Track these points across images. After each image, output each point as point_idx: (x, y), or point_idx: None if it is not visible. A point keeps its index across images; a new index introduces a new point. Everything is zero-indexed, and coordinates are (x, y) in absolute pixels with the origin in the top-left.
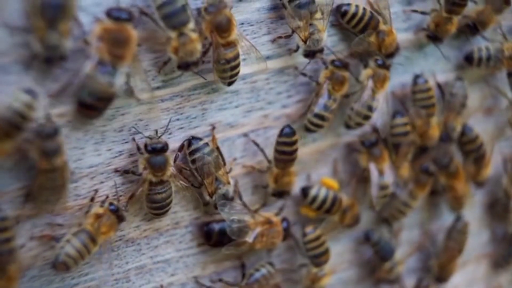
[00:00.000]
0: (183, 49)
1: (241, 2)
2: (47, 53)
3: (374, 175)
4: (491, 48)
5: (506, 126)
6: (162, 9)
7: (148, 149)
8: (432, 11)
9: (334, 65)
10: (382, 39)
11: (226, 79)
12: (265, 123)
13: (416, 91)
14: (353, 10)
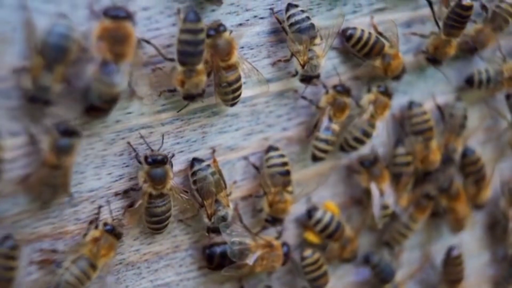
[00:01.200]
0: (189, 82)
1: (241, 26)
2: (35, 92)
3: (376, 195)
4: (490, 70)
5: (506, 148)
6: (184, 46)
7: (148, 161)
8: (431, 34)
9: (336, 91)
10: (388, 63)
11: (229, 101)
12: (265, 146)
13: (411, 116)
14: (358, 34)
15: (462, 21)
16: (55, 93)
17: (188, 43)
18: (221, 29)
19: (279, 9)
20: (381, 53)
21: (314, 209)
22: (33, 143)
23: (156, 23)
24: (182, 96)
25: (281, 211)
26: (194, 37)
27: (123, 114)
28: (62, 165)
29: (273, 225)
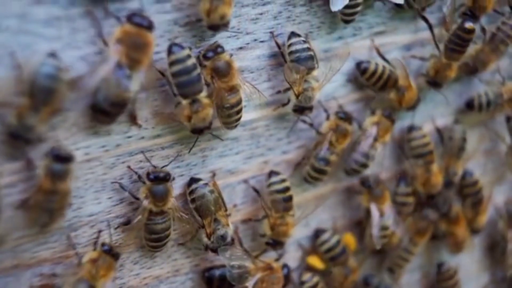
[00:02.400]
0: (196, 117)
1: (241, 49)
2: (18, 129)
3: (375, 215)
4: (490, 93)
5: (505, 170)
6: (177, 78)
7: (150, 178)
8: (431, 57)
9: (338, 117)
10: (402, 95)
11: (232, 123)
12: (265, 169)
13: (410, 139)
14: (373, 68)
15: (463, 45)
16: (38, 134)
17: (180, 73)
18: (219, 51)
19: (279, 33)
20: (395, 86)
21: (322, 230)
22: (29, 168)
23: (157, 47)
24: (190, 130)
25: (282, 234)
26: (184, 65)
27: (123, 138)
28: (58, 190)
29: (275, 248)
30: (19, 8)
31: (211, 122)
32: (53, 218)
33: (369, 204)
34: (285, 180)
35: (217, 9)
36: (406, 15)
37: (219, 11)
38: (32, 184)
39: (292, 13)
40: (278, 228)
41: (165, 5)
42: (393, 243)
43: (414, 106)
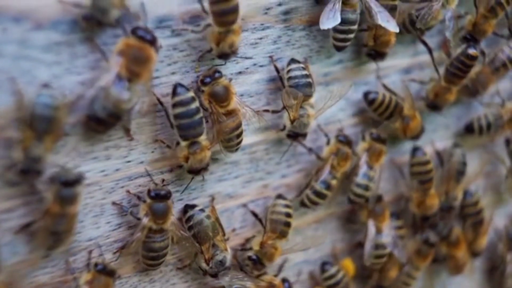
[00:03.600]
0: (193, 158)
1: (240, 74)
2: (26, 164)
3: (371, 231)
4: (489, 115)
5: (505, 193)
6: (179, 120)
7: (151, 195)
8: (430, 80)
9: (338, 141)
10: (407, 124)
11: (233, 147)
12: (264, 193)
13: (414, 163)
14: (380, 99)
15: (465, 70)
16: (47, 163)
17: (183, 116)
18: (216, 76)
19: (278, 57)
20: (400, 115)
21: (328, 264)
22: (34, 193)
23: (156, 72)
24: (187, 170)
25: (269, 256)
26: (187, 108)
27: (123, 162)
28: (66, 213)
29: (254, 265)
30: (19, 34)
31: (208, 163)
32: (60, 241)
33: (368, 220)
34: (290, 206)
35: (226, 38)
36: (405, 39)
37: (228, 40)
38: (32, 209)
39: (292, 38)
40: (267, 249)
41: (164, 30)
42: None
43: (418, 135)
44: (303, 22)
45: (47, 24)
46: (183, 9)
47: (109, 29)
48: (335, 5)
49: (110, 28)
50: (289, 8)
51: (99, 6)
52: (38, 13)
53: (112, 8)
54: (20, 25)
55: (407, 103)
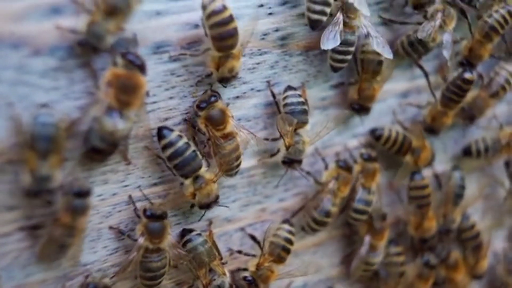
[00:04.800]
0: (200, 194)
1: (238, 98)
2: (36, 185)
3: (365, 246)
4: (487, 139)
5: (504, 216)
6: (173, 160)
7: (147, 214)
8: (427, 104)
9: (339, 166)
10: (418, 156)
11: (232, 170)
12: (262, 217)
13: (412, 187)
14: (386, 134)
15: (461, 94)
16: (56, 181)
17: (174, 156)
18: (212, 100)
19: (276, 82)
20: (410, 150)
21: None
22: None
23: (154, 97)
24: (198, 206)
25: (264, 278)
26: (175, 147)
27: (120, 187)
28: (76, 225)
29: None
30: (17, 60)
31: (217, 195)
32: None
33: (365, 235)
34: (293, 233)
35: (226, 63)
36: (403, 63)
37: (227, 65)
38: (29, 233)
39: (289, 63)
40: (263, 271)
41: (162, 55)
42: None
43: (430, 163)
44: (300, 47)
45: (45, 50)
46: (180, 35)
47: (107, 55)
48: (336, 26)
49: (105, 53)
50: (286, 33)
51: (94, 33)
52: (36, 39)
53: (107, 35)
54: (18, 51)
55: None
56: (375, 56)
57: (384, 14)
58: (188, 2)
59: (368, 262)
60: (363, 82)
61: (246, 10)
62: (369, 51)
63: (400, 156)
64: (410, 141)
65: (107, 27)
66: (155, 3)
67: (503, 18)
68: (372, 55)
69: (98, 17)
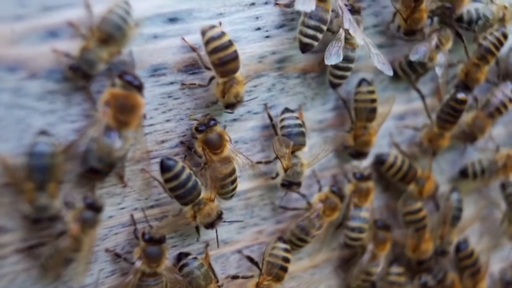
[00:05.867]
0: (200, 215)
1: (235, 121)
2: (36, 214)
3: (367, 255)
4: (484, 160)
5: (501, 237)
6: (175, 191)
7: (145, 238)
8: (424, 127)
9: (331, 190)
10: (422, 186)
11: (228, 193)
12: (259, 239)
13: (406, 213)
14: (391, 161)
15: (455, 115)
16: (56, 209)
17: (177, 188)
18: (211, 124)
19: (273, 104)
20: (414, 179)
21: None
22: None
23: (151, 119)
24: (202, 226)
25: None
26: (179, 181)
27: (117, 209)
28: (84, 239)
29: None
30: (14, 83)
31: (219, 212)
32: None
33: (368, 243)
34: (289, 251)
35: (231, 89)
36: (399, 86)
37: (233, 91)
38: (24, 256)
39: (286, 85)
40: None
41: (159, 78)
42: None
43: (433, 195)
44: (297, 70)
45: (42, 73)
46: (177, 58)
47: (104, 78)
48: (339, 42)
49: (102, 76)
50: (283, 56)
51: (86, 59)
52: (33, 62)
53: (99, 62)
54: (15, 74)
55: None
56: (368, 104)
57: (381, 37)
58: (185, 25)
59: (368, 272)
60: (358, 129)
61: (243, 33)
62: (362, 100)
63: (404, 184)
64: (415, 170)
65: (100, 54)
66: (152, 27)
67: (498, 40)
68: (365, 103)
69: (91, 44)
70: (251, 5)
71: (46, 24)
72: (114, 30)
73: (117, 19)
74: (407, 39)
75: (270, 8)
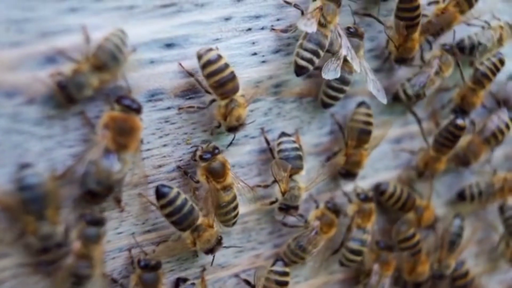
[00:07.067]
0: (200, 242)
1: (232, 145)
2: (43, 244)
3: (375, 276)
4: (481, 183)
5: (499, 260)
6: (171, 217)
7: (141, 265)
8: (420, 150)
9: (326, 207)
10: (421, 215)
11: (230, 220)
12: (256, 263)
13: (400, 240)
14: (391, 190)
15: (453, 140)
16: (60, 235)
17: (173, 213)
18: (216, 152)
19: (269, 128)
20: (413, 208)
21: None
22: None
23: (148, 144)
24: (202, 252)
25: None
26: (174, 206)
27: (114, 234)
28: (91, 255)
29: None
30: (11, 108)
31: (219, 238)
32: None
33: (373, 264)
34: (287, 274)
35: (232, 112)
36: (396, 109)
37: (234, 113)
38: (22, 280)
39: (282, 110)
40: None
41: (156, 103)
42: None
43: (432, 226)
44: (294, 94)
45: (39, 98)
46: (174, 83)
47: (100, 104)
48: (338, 60)
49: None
50: (280, 81)
51: (76, 81)
52: (31, 88)
53: (88, 87)
54: (13, 99)
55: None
56: (361, 125)
57: (376, 61)
58: (182, 50)
59: None
60: (350, 148)
61: (239, 59)
62: (359, 120)
63: (403, 213)
64: (414, 199)
65: (91, 80)
66: (149, 52)
67: (494, 66)
68: (361, 124)
69: (85, 68)
70: (247, 30)
71: (44, 50)
72: (108, 58)
73: (112, 47)
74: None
75: (266, 33)
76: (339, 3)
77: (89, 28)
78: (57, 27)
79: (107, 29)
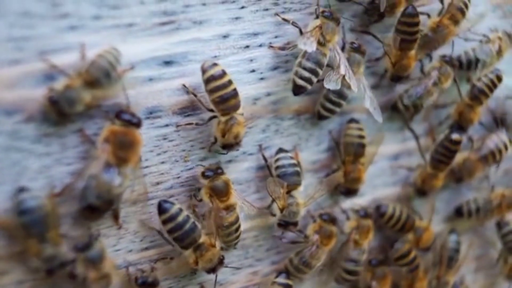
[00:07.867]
0: (202, 260)
1: (230, 162)
2: (47, 266)
3: None
4: (479, 200)
5: (498, 276)
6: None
7: (138, 282)
8: (417, 167)
9: (322, 219)
10: (420, 236)
11: (232, 241)
12: (254, 280)
13: (397, 258)
14: (390, 212)
15: (449, 156)
16: (64, 255)
17: (175, 229)
18: (219, 171)
19: (267, 145)
20: (413, 228)
21: None
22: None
23: (146, 161)
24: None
25: None
26: (176, 222)
27: (112, 251)
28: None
29: None
30: (10, 126)
31: (220, 259)
32: None
33: (371, 282)
34: (290, 287)
35: (232, 129)
36: (393, 126)
37: (233, 130)
38: None
39: (280, 127)
40: None
41: (154, 121)
42: None
43: (429, 248)
44: (291, 111)
45: (38, 116)
46: (172, 101)
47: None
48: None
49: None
50: (278, 98)
51: (68, 96)
52: (29, 105)
53: (79, 103)
54: (12, 117)
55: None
56: (356, 139)
57: (374, 78)
58: (180, 68)
59: None
60: (347, 164)
61: (237, 76)
62: (352, 135)
63: (402, 234)
64: (413, 220)
65: (83, 95)
66: (147, 69)
67: (492, 82)
68: (354, 138)
69: (76, 83)
70: (245, 47)
71: (42, 68)
72: (101, 74)
73: (106, 64)
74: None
75: (264, 50)
76: (338, 22)
77: (88, 46)
78: (56, 45)
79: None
